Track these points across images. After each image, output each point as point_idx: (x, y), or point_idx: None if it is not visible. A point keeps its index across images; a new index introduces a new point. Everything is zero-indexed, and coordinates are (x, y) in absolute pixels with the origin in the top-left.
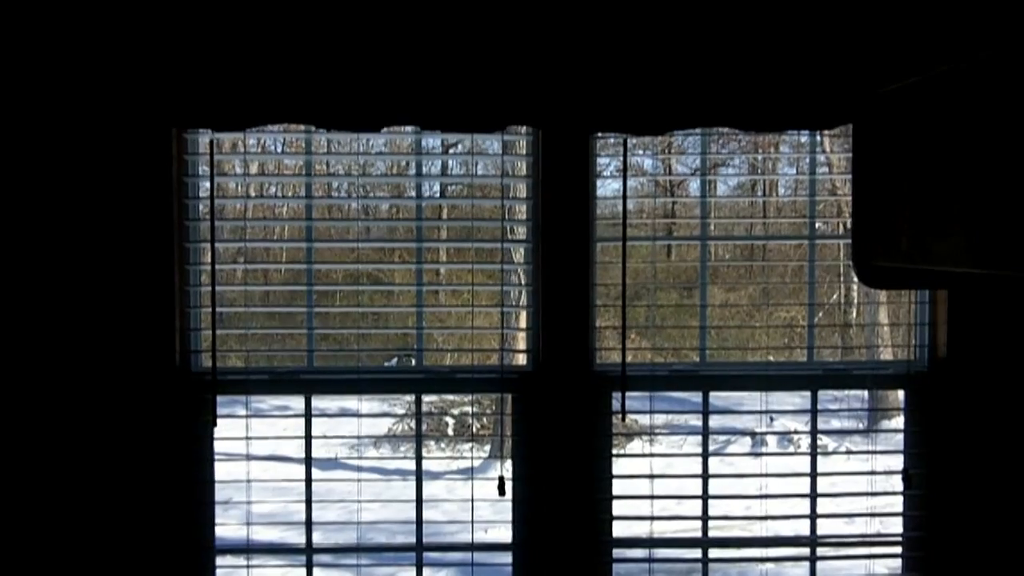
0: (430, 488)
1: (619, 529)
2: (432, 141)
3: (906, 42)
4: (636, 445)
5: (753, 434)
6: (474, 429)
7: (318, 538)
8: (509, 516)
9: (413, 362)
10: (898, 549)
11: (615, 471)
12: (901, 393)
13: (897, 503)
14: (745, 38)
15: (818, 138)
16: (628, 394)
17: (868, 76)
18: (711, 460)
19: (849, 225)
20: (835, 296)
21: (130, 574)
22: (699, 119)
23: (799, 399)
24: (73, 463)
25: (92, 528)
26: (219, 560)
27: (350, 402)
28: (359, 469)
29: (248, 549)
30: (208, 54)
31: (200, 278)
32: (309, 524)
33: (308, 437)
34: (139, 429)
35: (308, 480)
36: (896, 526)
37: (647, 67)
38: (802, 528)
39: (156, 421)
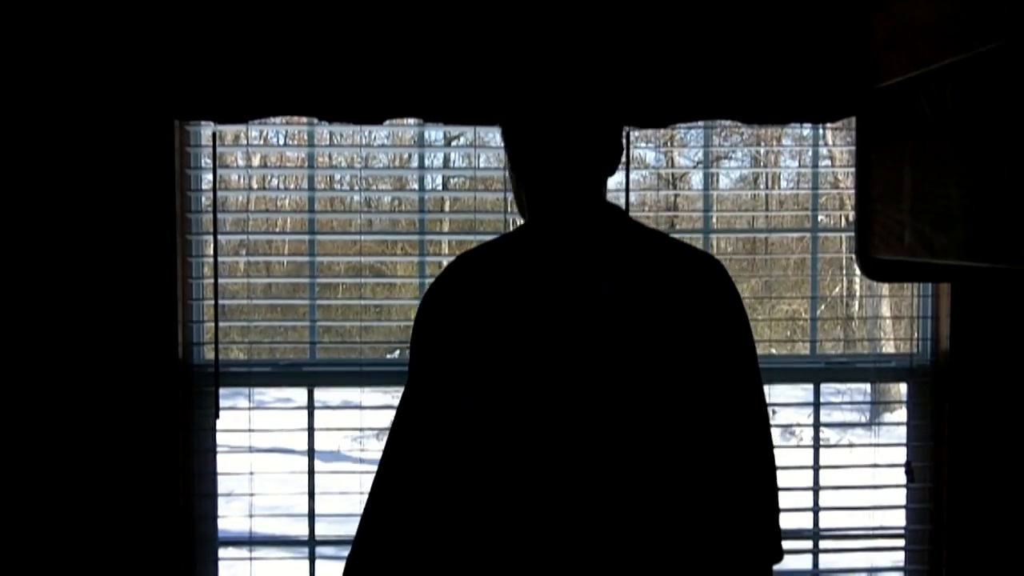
0: None
1: None
2: (435, 134)
3: (909, 35)
4: None
5: None
6: None
7: (321, 530)
8: None
9: None
10: (901, 542)
11: None
12: (903, 386)
13: (899, 496)
14: (748, 30)
15: (820, 131)
16: None
17: (871, 69)
18: None
19: (851, 218)
20: (837, 289)
21: (132, 566)
22: (702, 111)
23: (801, 392)
24: (75, 455)
25: (94, 520)
26: (221, 552)
27: (352, 394)
28: (361, 461)
29: (251, 541)
30: (210, 46)
31: (202, 270)
32: (312, 516)
33: (311, 429)
34: (142, 421)
35: (311, 472)
36: (899, 519)
37: (649, 59)
38: (804, 521)
39: (159, 413)
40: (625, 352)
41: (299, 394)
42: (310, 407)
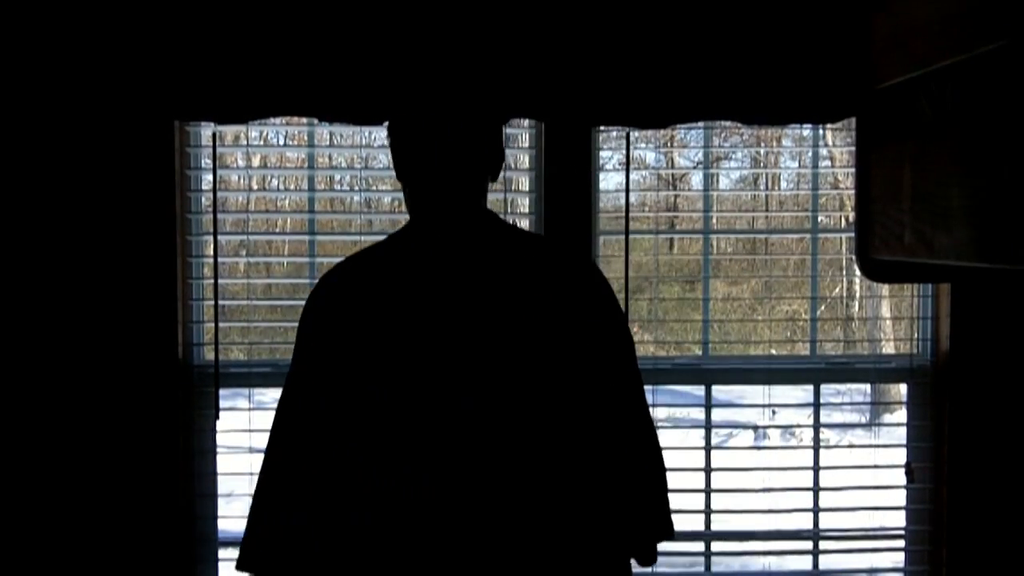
0: None
1: None
2: None
3: (909, 35)
4: None
5: (755, 428)
6: None
7: None
8: None
9: None
10: (900, 543)
11: None
12: (903, 387)
13: (899, 497)
14: (748, 30)
15: (820, 131)
16: None
17: (871, 69)
18: (713, 453)
19: (851, 219)
20: (837, 290)
21: (133, 566)
22: (702, 112)
23: (801, 392)
24: (75, 456)
25: (94, 520)
26: (221, 552)
27: None
28: None
29: None
30: (210, 46)
31: (202, 271)
32: None
33: None
34: (142, 421)
35: None
36: (898, 520)
37: (649, 60)
38: (804, 522)
39: (159, 413)
40: (502, 343)
41: None
42: None
